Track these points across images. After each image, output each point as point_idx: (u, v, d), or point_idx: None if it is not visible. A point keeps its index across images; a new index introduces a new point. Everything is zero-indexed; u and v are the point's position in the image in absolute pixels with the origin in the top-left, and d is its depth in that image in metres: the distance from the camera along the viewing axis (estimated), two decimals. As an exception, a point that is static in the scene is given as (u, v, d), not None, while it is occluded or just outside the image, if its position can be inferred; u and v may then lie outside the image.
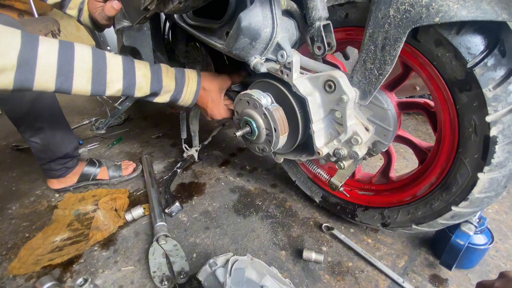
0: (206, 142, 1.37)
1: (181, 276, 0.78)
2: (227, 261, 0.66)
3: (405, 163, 1.26)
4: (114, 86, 0.64)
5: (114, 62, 0.64)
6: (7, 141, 1.66)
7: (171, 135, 1.64)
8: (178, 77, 0.75)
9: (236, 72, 0.87)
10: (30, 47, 0.52)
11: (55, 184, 1.15)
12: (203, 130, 1.41)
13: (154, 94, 0.73)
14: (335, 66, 0.80)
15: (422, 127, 1.56)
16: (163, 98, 0.75)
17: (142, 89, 0.69)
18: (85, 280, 0.70)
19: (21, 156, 1.50)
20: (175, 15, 0.73)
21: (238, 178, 1.22)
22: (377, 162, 1.27)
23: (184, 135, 1.27)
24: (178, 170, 1.23)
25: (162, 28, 1.06)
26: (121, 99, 1.51)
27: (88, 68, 0.59)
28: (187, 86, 0.77)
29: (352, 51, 0.89)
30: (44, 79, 0.55)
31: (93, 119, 1.88)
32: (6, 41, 0.50)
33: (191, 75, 0.78)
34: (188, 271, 0.80)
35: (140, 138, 1.64)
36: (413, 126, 1.59)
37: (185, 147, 1.31)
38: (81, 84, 0.59)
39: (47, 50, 0.54)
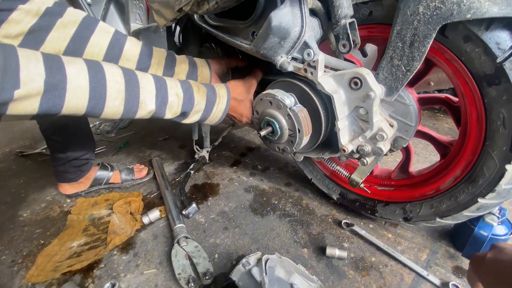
0: (216, 143, 1.36)
1: (207, 277, 0.78)
2: (258, 260, 0.66)
3: (415, 158, 1.28)
4: (146, 107, 0.60)
5: (146, 81, 0.59)
6: (11, 147, 1.63)
7: (178, 137, 1.64)
8: (209, 96, 0.71)
9: (254, 70, 0.87)
10: (56, 70, 0.47)
11: (67, 189, 1.13)
12: (211, 131, 1.41)
13: (184, 114, 0.69)
14: (353, 63, 0.81)
15: (428, 122, 1.59)
16: (191, 119, 0.71)
17: (173, 109, 0.65)
18: (113, 285, 0.70)
19: (26, 163, 1.47)
20: (195, 16, 0.72)
21: (251, 178, 1.22)
22: (388, 158, 1.29)
23: (195, 137, 1.26)
24: (191, 172, 1.22)
25: (173, 30, 1.05)
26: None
27: (121, 89, 0.55)
28: (217, 105, 0.73)
29: (369, 49, 0.90)
30: (75, 104, 0.50)
31: (97, 122, 1.85)
32: (28, 66, 0.44)
33: (221, 93, 0.74)
34: (213, 272, 0.80)
35: (147, 140, 1.63)
36: (418, 121, 1.61)
37: (196, 148, 1.30)
38: (114, 106, 0.55)
39: (77, 72, 0.50)
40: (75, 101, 0.50)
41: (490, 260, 0.38)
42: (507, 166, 0.57)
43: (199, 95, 0.69)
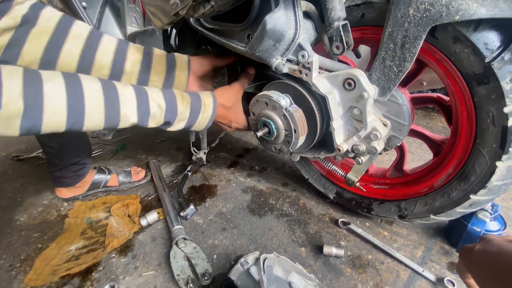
0: (213, 145, 1.37)
1: (205, 278, 0.78)
2: (256, 259, 0.67)
3: (410, 157, 1.30)
4: (128, 119, 0.60)
5: (127, 93, 0.59)
6: (6, 151, 1.62)
7: (175, 139, 1.64)
8: (193, 104, 0.71)
9: (243, 74, 0.86)
10: (34, 89, 0.47)
11: (65, 193, 1.13)
12: (209, 133, 1.42)
13: (167, 123, 0.69)
14: (347, 64, 0.82)
15: (422, 121, 1.61)
16: (176, 127, 0.71)
17: (155, 119, 0.65)
18: (112, 287, 0.70)
19: (22, 167, 1.47)
20: (191, 20, 0.73)
21: (248, 179, 1.23)
22: (384, 157, 1.31)
23: (192, 138, 1.27)
24: (189, 173, 1.23)
25: (169, 32, 1.06)
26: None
27: (100, 105, 0.55)
28: (202, 113, 0.72)
29: (363, 50, 0.91)
30: (53, 122, 0.51)
31: (93, 125, 1.85)
32: (9, 85, 0.45)
33: (206, 101, 0.73)
34: (212, 273, 0.80)
35: (143, 143, 1.63)
36: (413, 120, 1.64)
37: (194, 150, 1.31)
38: (93, 122, 0.55)
39: (55, 90, 0.50)
40: (54, 119, 0.50)
41: (478, 252, 0.39)
42: (498, 163, 0.59)
43: (182, 105, 0.69)
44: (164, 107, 0.65)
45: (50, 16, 0.64)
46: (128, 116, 0.60)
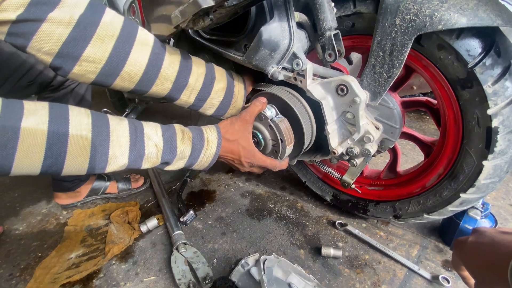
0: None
1: (206, 282, 0.80)
2: (257, 261, 0.68)
3: (404, 159, 1.33)
4: (117, 161, 0.53)
5: (120, 132, 0.53)
6: (3, 161, 1.62)
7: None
8: (195, 142, 0.63)
9: (254, 101, 0.75)
10: (11, 122, 0.42)
11: (64, 198, 1.13)
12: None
13: (165, 163, 0.62)
14: (340, 71, 0.85)
15: (415, 124, 1.65)
16: (175, 166, 0.64)
17: (150, 159, 0.58)
18: (114, 293, 0.71)
19: (20, 176, 1.46)
20: (189, 30, 0.76)
21: (247, 183, 1.25)
22: (378, 160, 1.34)
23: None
24: (188, 179, 1.24)
25: (167, 42, 1.09)
26: (126, 112, 1.50)
27: (86, 145, 0.49)
28: (205, 151, 0.65)
29: (355, 57, 0.95)
30: (26, 164, 0.44)
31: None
32: None
33: (210, 137, 0.66)
34: (212, 276, 0.81)
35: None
36: (406, 124, 1.68)
37: (192, 156, 1.32)
38: (75, 164, 0.49)
39: (34, 126, 0.44)
40: (27, 160, 0.44)
41: (471, 243, 0.40)
42: (484, 162, 0.62)
43: (183, 143, 0.62)
44: (162, 146, 0.59)
45: (112, 20, 0.57)
46: (118, 158, 0.53)
